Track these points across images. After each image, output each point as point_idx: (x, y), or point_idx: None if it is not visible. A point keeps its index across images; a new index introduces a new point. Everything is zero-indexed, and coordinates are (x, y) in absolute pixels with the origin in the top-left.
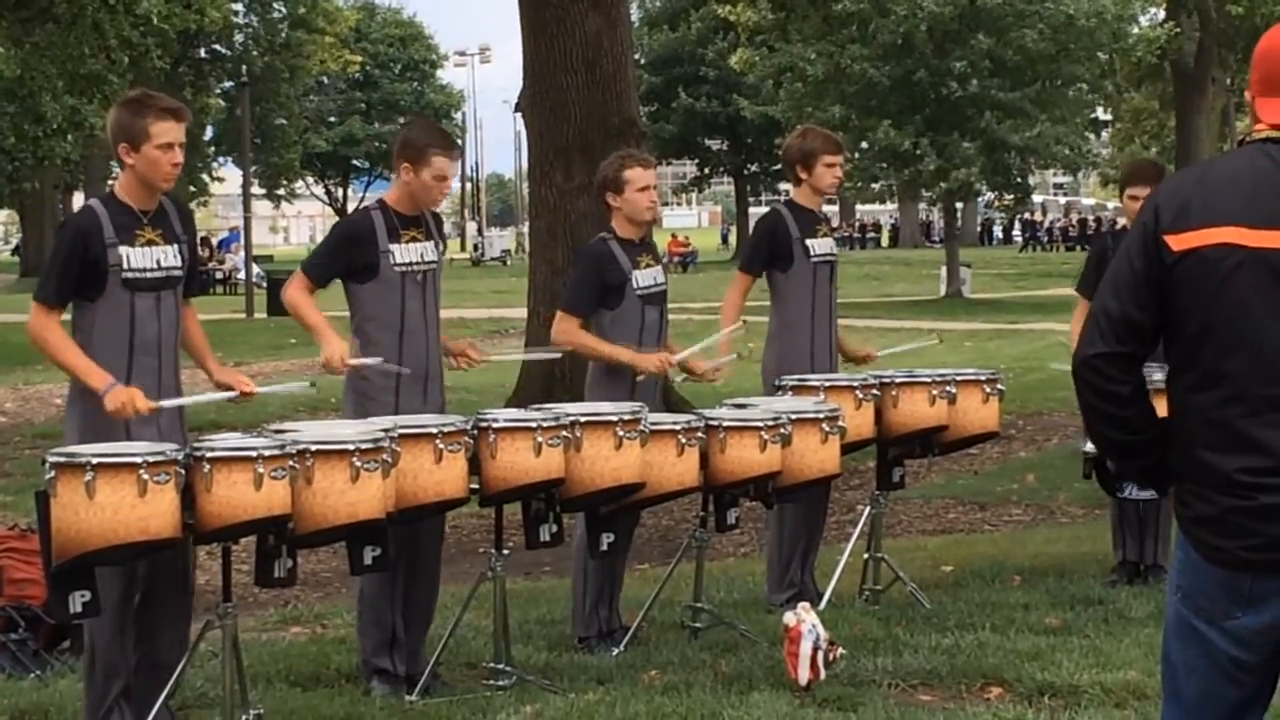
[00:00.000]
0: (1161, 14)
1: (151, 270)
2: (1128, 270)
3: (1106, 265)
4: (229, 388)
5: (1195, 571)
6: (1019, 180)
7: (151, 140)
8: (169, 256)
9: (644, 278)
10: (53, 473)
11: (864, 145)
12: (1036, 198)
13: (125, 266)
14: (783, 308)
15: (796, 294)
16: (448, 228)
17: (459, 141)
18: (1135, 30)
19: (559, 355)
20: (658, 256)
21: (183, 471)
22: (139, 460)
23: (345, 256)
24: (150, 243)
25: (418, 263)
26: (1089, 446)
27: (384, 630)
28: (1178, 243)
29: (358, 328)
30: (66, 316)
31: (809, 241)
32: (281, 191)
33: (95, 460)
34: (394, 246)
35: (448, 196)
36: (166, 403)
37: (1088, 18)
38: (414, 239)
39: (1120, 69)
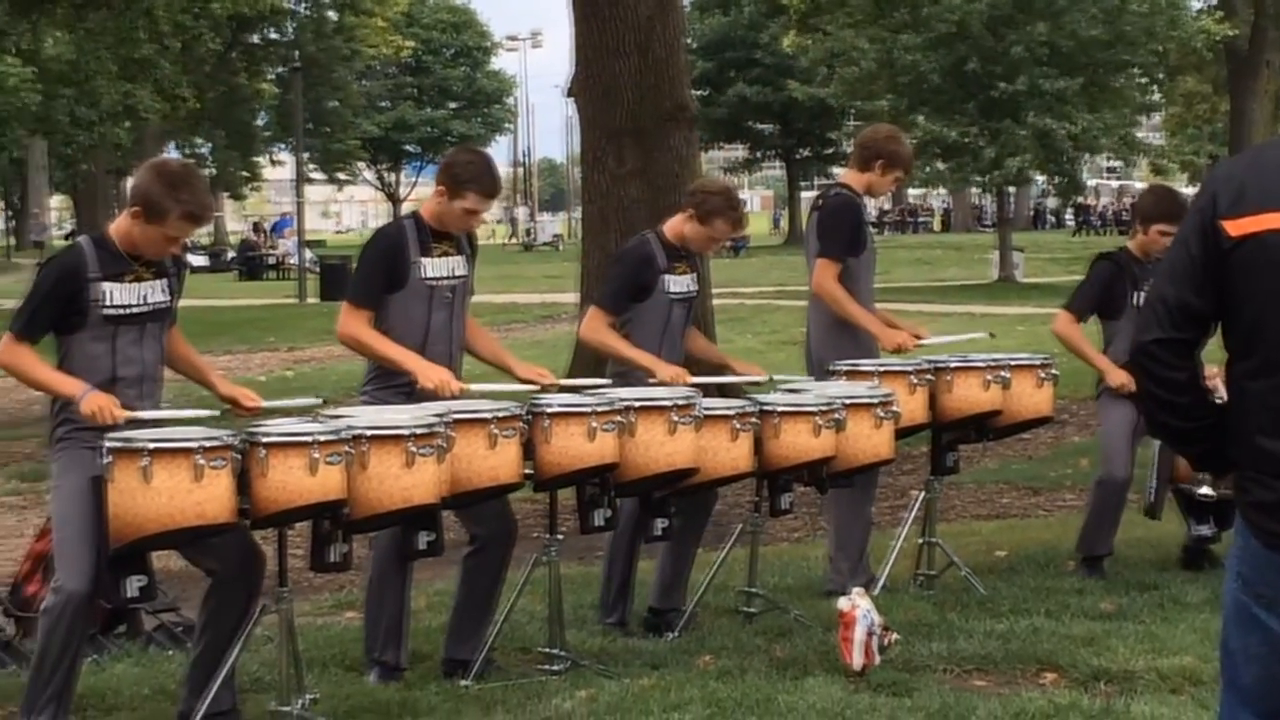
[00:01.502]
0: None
1: (137, 306)
2: (1184, 256)
3: (1104, 291)
4: (235, 402)
5: (1255, 558)
6: (1070, 167)
7: (165, 228)
8: (155, 292)
9: (676, 284)
10: (109, 458)
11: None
12: (1089, 181)
13: (108, 303)
14: (852, 291)
15: (865, 279)
16: (498, 213)
17: (500, 185)
18: (1193, 18)
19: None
20: (695, 266)
21: (238, 456)
22: (195, 445)
23: (386, 268)
24: (138, 279)
25: (447, 277)
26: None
27: (388, 620)
28: (1235, 228)
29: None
30: None
31: (869, 228)
32: (342, 175)
33: (152, 445)
34: (425, 260)
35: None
36: (144, 414)
37: (1140, 2)
38: (445, 253)
39: (1174, 55)
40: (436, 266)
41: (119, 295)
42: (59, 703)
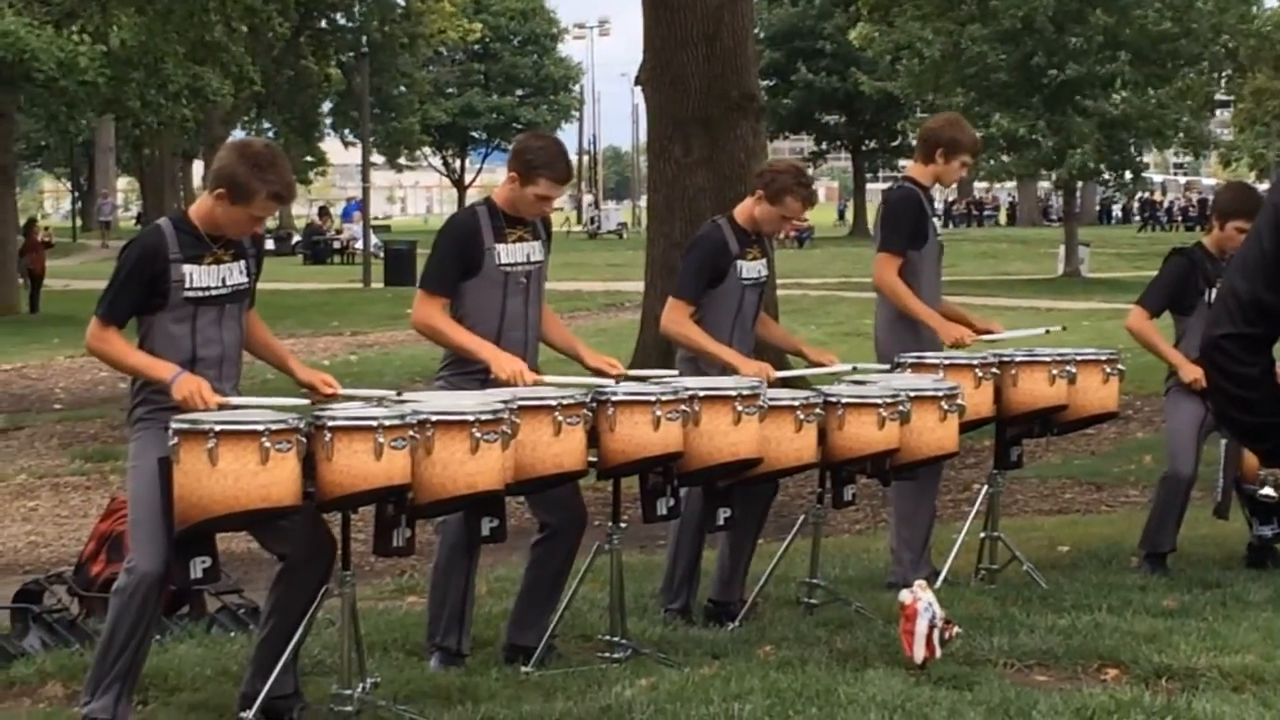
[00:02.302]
0: None
1: (216, 288)
2: (1257, 251)
3: (1178, 286)
4: (313, 388)
5: None
6: (1133, 156)
7: (251, 209)
8: (235, 273)
9: (749, 269)
10: (176, 439)
11: (982, 130)
12: (1156, 177)
13: (189, 285)
14: (914, 284)
15: (928, 272)
16: (565, 200)
17: (572, 171)
18: (1264, 12)
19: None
20: (765, 251)
21: (304, 440)
22: (261, 428)
23: (460, 254)
24: (217, 261)
25: (522, 263)
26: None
27: (451, 605)
28: None
29: None
30: None
31: (933, 220)
32: (403, 160)
33: (218, 427)
34: (499, 246)
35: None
36: (236, 400)
37: None
38: (520, 239)
39: (1243, 51)
40: (512, 252)
41: (199, 277)
42: (124, 682)
